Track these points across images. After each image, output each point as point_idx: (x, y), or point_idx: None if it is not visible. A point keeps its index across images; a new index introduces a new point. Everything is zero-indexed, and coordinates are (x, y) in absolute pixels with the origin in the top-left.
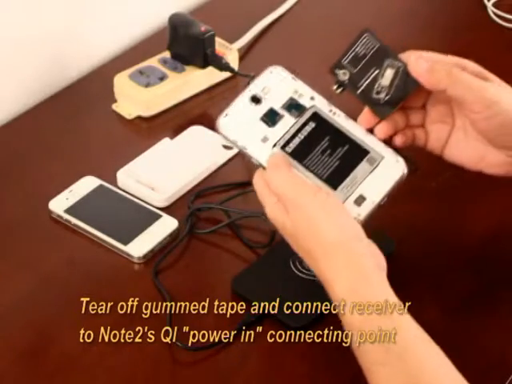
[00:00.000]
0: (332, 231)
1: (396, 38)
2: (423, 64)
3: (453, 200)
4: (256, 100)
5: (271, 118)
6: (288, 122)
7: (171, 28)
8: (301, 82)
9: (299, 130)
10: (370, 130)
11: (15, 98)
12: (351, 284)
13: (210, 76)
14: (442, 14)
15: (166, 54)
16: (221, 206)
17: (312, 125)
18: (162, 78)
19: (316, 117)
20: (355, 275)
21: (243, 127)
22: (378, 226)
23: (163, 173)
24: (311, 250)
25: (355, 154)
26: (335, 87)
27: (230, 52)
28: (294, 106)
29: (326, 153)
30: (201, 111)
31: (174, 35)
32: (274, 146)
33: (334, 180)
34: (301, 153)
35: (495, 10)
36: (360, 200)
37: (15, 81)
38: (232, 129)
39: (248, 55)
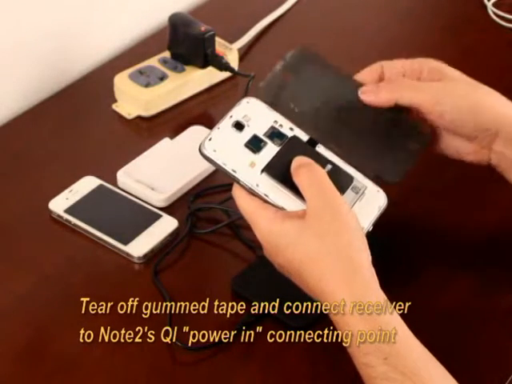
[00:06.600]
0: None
1: (396, 37)
2: (370, 94)
3: (453, 200)
4: (239, 126)
5: (255, 144)
6: (272, 150)
7: (171, 28)
8: (276, 112)
9: None
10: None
11: (15, 98)
12: (350, 284)
13: (209, 76)
14: (442, 14)
15: (166, 54)
16: (221, 206)
17: None
18: (162, 77)
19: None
20: (353, 276)
21: (229, 152)
22: (377, 227)
23: (163, 173)
24: (314, 256)
25: (341, 179)
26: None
27: (229, 52)
28: (276, 135)
29: None
30: (201, 111)
31: (173, 35)
32: (263, 171)
33: None
34: (291, 179)
35: (495, 10)
36: None
37: (15, 80)
38: (218, 152)
39: (248, 55)
